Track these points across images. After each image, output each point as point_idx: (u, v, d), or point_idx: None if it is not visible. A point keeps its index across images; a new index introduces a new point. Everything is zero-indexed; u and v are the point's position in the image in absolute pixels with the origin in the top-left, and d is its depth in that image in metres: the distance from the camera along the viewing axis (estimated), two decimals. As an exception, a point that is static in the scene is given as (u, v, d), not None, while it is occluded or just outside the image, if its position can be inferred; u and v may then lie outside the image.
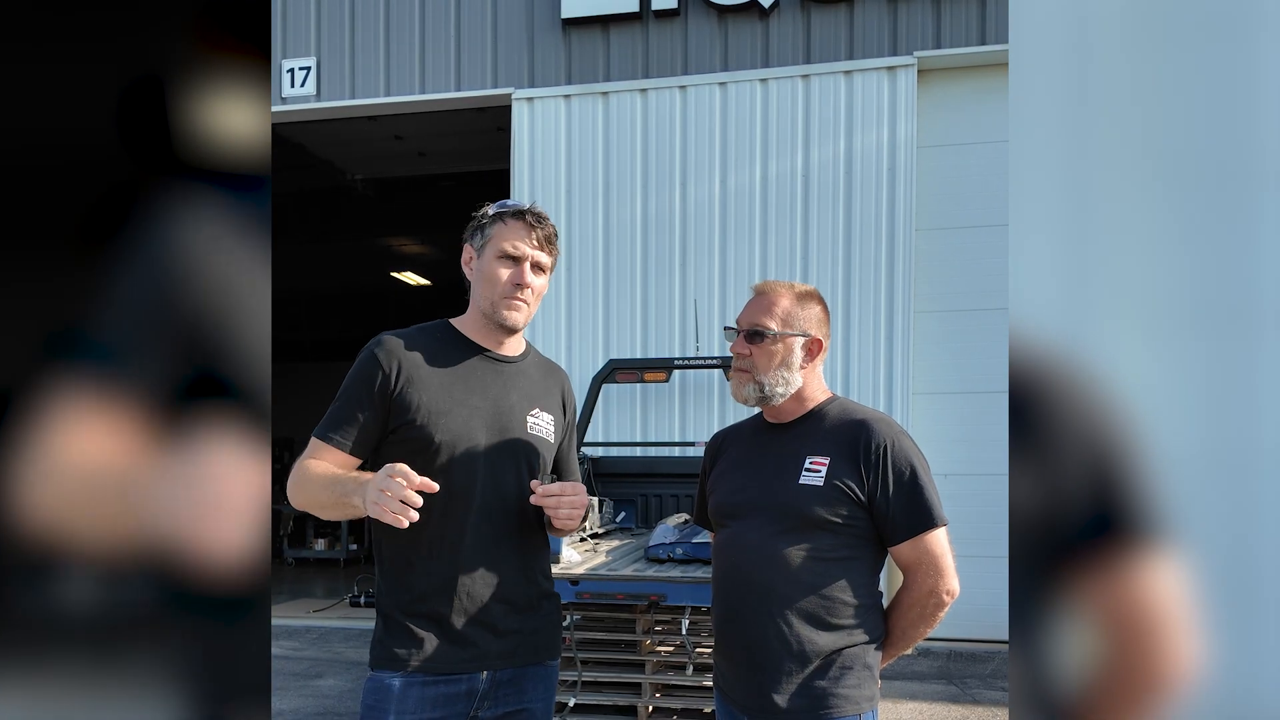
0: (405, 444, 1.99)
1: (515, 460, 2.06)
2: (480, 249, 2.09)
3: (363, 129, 8.77)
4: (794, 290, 2.11)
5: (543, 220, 2.08)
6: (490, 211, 2.10)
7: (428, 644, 1.98)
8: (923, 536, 1.98)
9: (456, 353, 2.09)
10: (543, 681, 2.11)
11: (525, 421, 2.10)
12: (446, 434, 1.99)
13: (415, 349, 2.05)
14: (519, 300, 2.05)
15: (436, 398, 2.01)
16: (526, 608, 2.08)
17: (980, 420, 6.88)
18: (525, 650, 2.07)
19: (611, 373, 6.65)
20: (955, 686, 5.97)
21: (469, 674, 2.01)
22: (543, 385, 2.18)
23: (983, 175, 7.02)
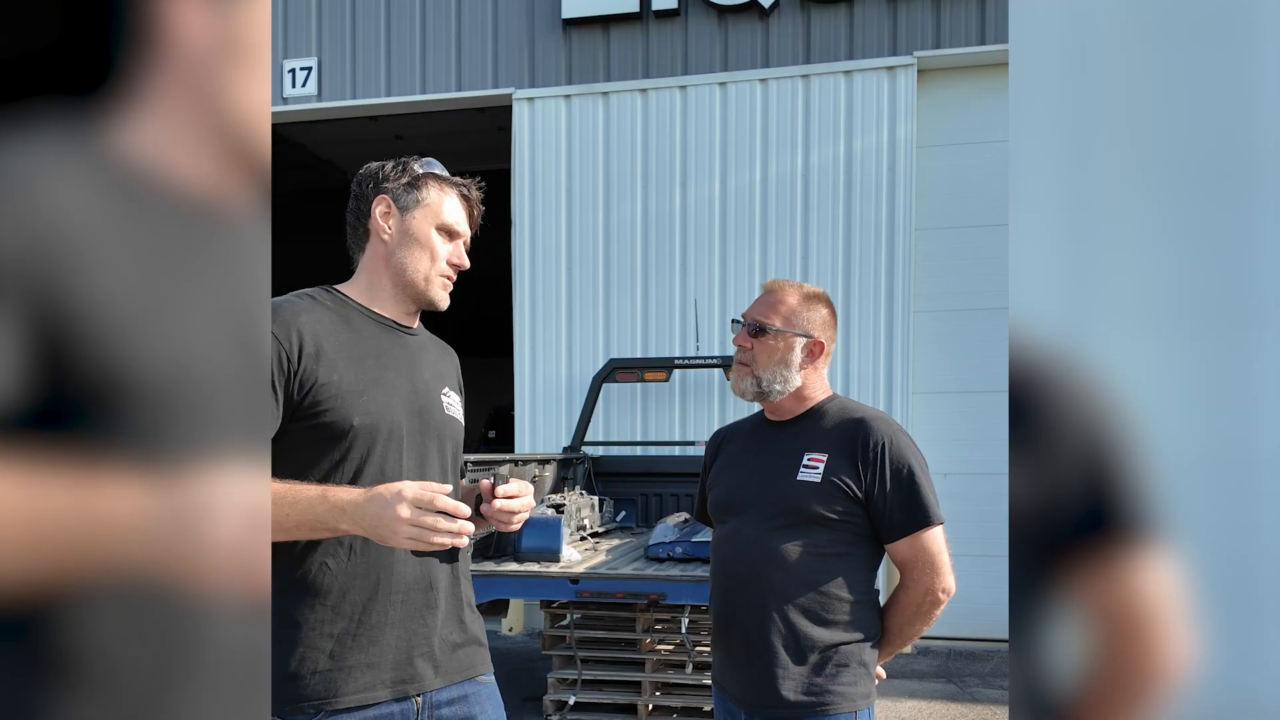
0: (315, 430, 1.68)
1: (440, 445, 1.82)
2: (407, 209, 1.83)
3: (364, 129, 8.78)
4: (802, 291, 2.13)
5: (476, 197, 1.91)
6: (420, 170, 1.86)
7: (350, 672, 1.67)
8: (919, 534, 2.00)
9: (360, 323, 1.81)
10: (489, 698, 1.86)
11: (441, 401, 1.85)
12: (365, 416, 1.70)
13: (314, 318, 1.74)
14: (450, 280, 1.87)
15: (348, 375, 1.71)
16: (458, 617, 1.82)
17: (980, 420, 6.88)
18: (463, 665, 1.82)
19: (612, 372, 6.66)
20: (955, 685, 5.97)
21: (399, 699, 1.72)
22: (443, 363, 1.95)
23: (983, 175, 7.02)
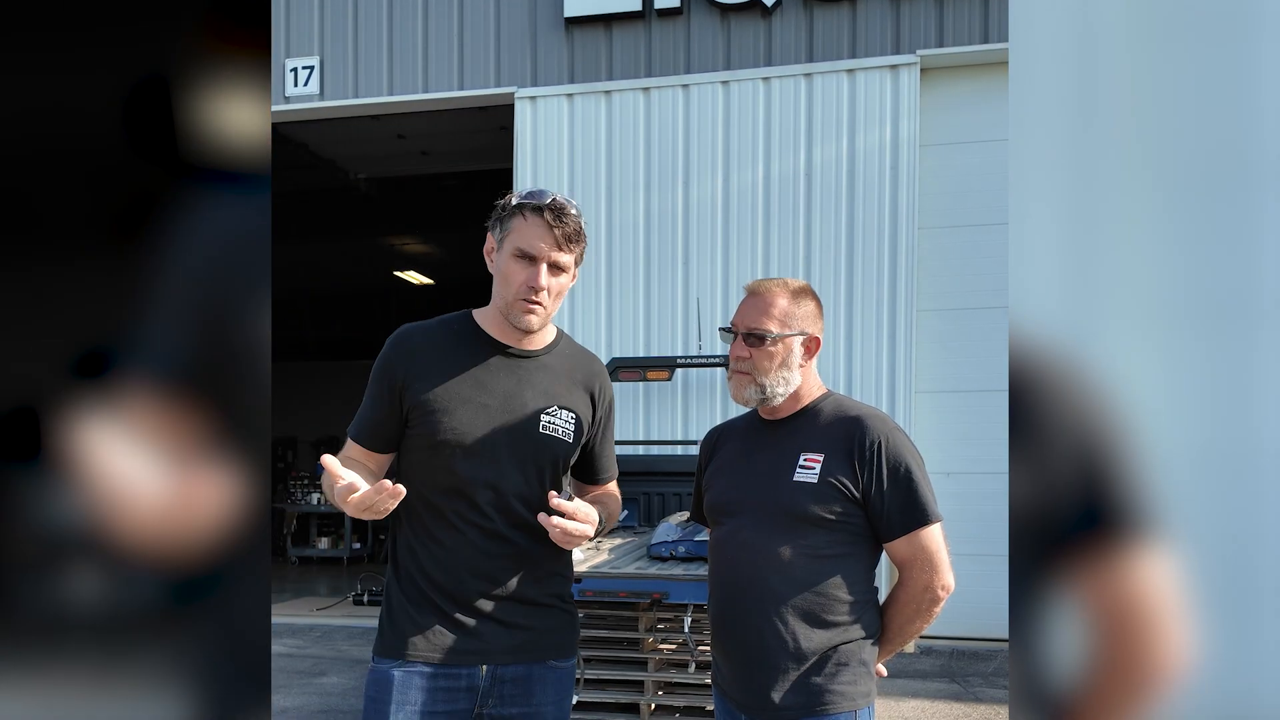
0: (417, 438, 2.01)
1: (523, 459, 2.03)
2: (500, 241, 2.02)
3: (366, 128, 8.77)
4: (788, 288, 2.09)
5: (564, 217, 1.96)
6: (513, 202, 2.01)
7: (428, 634, 1.99)
8: (917, 533, 1.98)
9: (473, 347, 2.05)
10: (554, 685, 2.07)
11: (539, 420, 2.05)
12: (450, 433, 1.98)
13: (430, 343, 2.05)
14: (533, 303, 1.98)
15: (443, 394, 1.99)
16: (534, 604, 2.05)
17: (982, 418, 6.86)
18: (531, 648, 2.04)
19: (614, 371, 6.66)
20: (958, 685, 5.96)
21: (468, 667, 2.00)
22: (567, 380, 2.11)
23: (985, 174, 7.00)
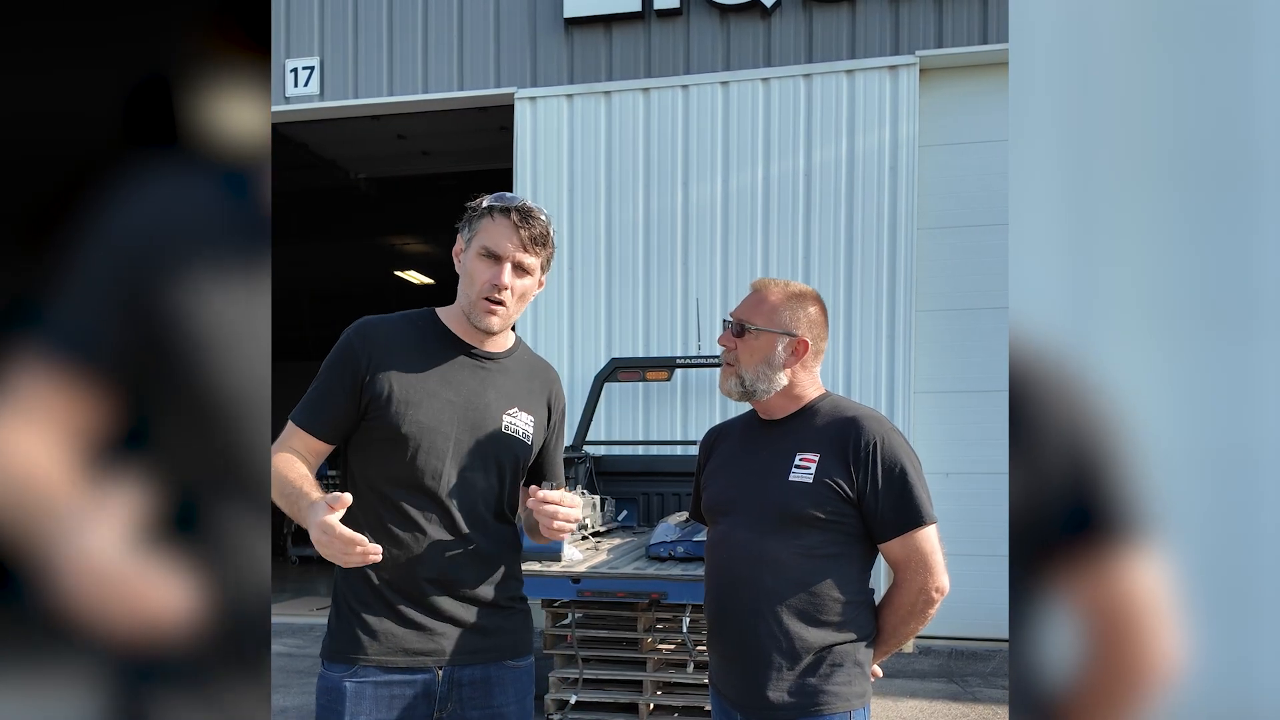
0: (375, 431, 1.96)
1: (485, 457, 2.01)
2: (468, 242, 2.02)
3: (366, 128, 8.78)
4: (788, 290, 2.10)
5: (531, 219, 1.97)
6: (483, 204, 2.02)
7: (381, 635, 1.93)
8: (912, 534, 1.99)
9: (435, 345, 2.03)
10: (513, 684, 2.05)
11: (501, 420, 2.04)
12: (414, 426, 1.94)
13: (394, 337, 2.01)
14: (494, 303, 1.97)
15: (407, 388, 1.96)
16: (493, 606, 2.02)
17: (982, 419, 6.86)
18: (489, 649, 2.01)
19: (614, 371, 6.66)
20: (956, 685, 5.97)
21: (424, 671, 1.95)
22: (526, 385, 2.12)
23: (985, 174, 7.01)
